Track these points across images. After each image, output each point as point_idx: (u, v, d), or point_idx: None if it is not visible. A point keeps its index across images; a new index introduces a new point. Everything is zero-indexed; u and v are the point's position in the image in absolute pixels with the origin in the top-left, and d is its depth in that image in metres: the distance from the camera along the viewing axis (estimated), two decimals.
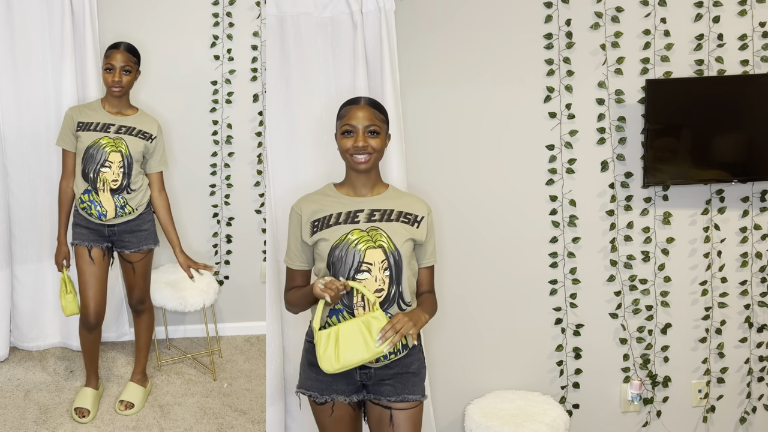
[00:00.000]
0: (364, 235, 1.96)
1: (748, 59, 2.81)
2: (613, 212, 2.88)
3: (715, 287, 2.94)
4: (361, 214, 2.01)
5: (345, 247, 1.95)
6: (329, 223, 2.00)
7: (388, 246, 1.96)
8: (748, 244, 2.92)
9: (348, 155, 2.01)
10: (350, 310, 1.95)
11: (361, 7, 2.53)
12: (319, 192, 2.10)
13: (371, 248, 1.95)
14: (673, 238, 2.90)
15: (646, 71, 2.80)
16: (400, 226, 2.01)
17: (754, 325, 2.96)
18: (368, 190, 2.06)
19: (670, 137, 2.79)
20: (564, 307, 2.92)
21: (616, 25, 2.79)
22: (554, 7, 2.77)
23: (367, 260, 1.94)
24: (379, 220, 2.00)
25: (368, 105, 2.03)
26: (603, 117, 2.83)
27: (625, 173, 2.86)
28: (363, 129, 1.98)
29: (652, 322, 2.94)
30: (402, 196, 2.10)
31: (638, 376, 2.96)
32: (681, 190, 2.89)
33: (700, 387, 2.98)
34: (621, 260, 2.90)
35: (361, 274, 1.94)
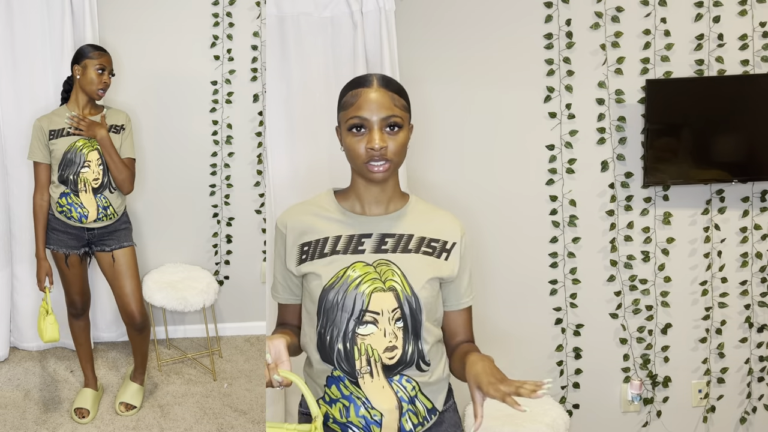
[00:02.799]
0: (370, 272, 1.44)
1: (749, 59, 2.81)
2: (613, 212, 2.88)
3: (716, 287, 2.94)
4: (368, 240, 1.47)
5: (343, 289, 1.43)
6: (323, 251, 1.48)
7: (402, 288, 1.44)
8: (749, 244, 2.92)
9: (359, 162, 1.44)
10: (353, 378, 1.46)
11: (361, 7, 2.53)
12: (314, 203, 1.56)
13: (379, 291, 1.43)
14: (673, 238, 2.90)
15: (647, 71, 2.80)
16: (420, 260, 1.48)
17: (754, 325, 2.96)
18: (382, 205, 1.52)
19: (670, 137, 2.79)
20: (564, 307, 2.91)
21: (617, 25, 2.79)
22: (554, 7, 2.76)
23: (372, 308, 1.43)
24: (392, 250, 1.47)
25: (384, 87, 1.44)
26: (603, 117, 2.83)
27: (625, 173, 2.86)
28: (379, 122, 1.42)
29: (652, 322, 2.94)
30: (426, 212, 1.56)
31: (638, 376, 2.96)
32: (681, 190, 2.89)
33: (701, 387, 2.98)
34: (621, 260, 2.90)
35: (364, 326, 1.43)
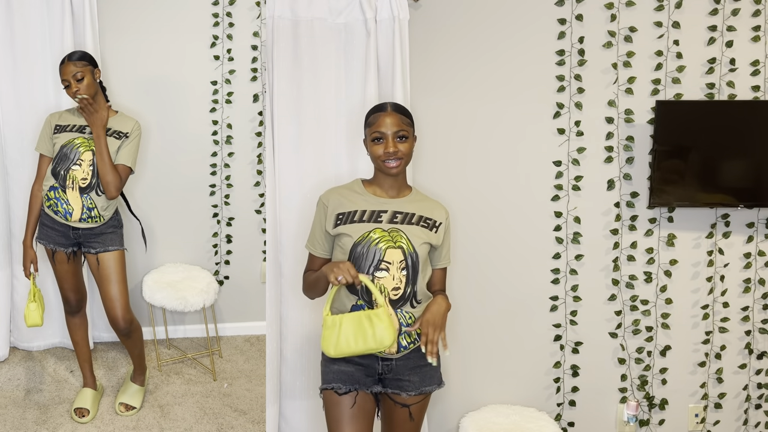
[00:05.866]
0: (385, 235, 2.05)
1: (760, 85, 2.81)
2: (617, 231, 2.87)
3: (717, 312, 2.93)
4: (385, 214, 2.09)
5: (367, 245, 2.04)
6: (353, 219, 2.09)
7: (407, 247, 2.05)
8: (752, 269, 2.91)
9: (380, 161, 2.09)
10: (371, 307, 2.02)
11: (375, 15, 2.54)
12: (347, 187, 2.19)
13: (391, 248, 2.04)
14: (676, 260, 2.89)
15: (657, 92, 2.80)
16: (419, 230, 2.09)
17: (754, 351, 2.95)
18: (394, 192, 2.15)
19: (677, 159, 2.79)
20: (564, 324, 2.91)
21: (629, 45, 2.79)
22: (568, 24, 2.77)
23: (386, 259, 2.03)
24: (400, 222, 2.09)
25: (395, 111, 2.11)
26: (611, 135, 2.83)
27: (631, 193, 2.86)
28: (392, 135, 2.07)
29: (651, 343, 2.93)
30: (424, 200, 2.19)
31: (635, 397, 2.95)
32: (686, 213, 2.88)
33: (697, 411, 2.97)
34: (623, 280, 2.90)
35: (380, 272, 2.02)
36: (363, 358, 2.08)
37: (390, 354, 2.06)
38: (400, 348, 2.05)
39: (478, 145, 2.81)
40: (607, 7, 2.75)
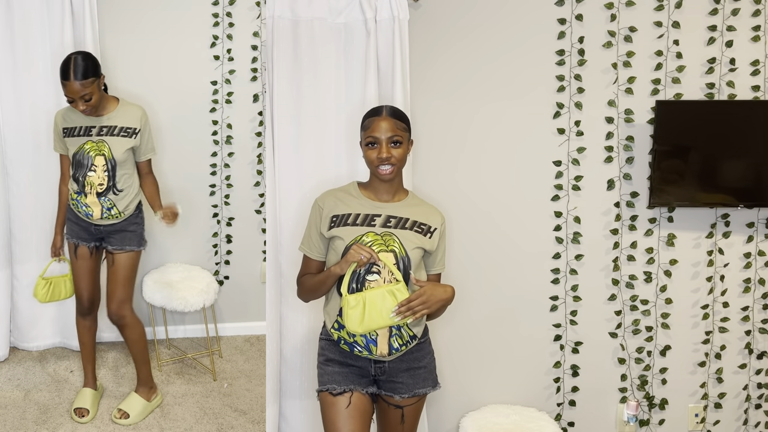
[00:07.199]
0: (378, 239, 2.05)
1: (759, 85, 2.81)
2: (617, 231, 2.87)
3: (717, 311, 2.93)
4: (378, 219, 2.09)
5: None
6: (347, 221, 2.09)
7: (399, 251, 2.05)
8: (752, 269, 2.91)
9: (373, 166, 2.07)
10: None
11: (375, 15, 2.54)
12: (343, 189, 2.19)
13: (383, 251, 2.03)
14: (676, 260, 2.89)
15: (657, 92, 2.80)
16: (412, 235, 2.09)
17: (754, 351, 2.95)
18: (389, 196, 2.14)
19: (677, 159, 2.79)
20: (564, 324, 2.91)
21: (629, 45, 2.79)
22: (568, 24, 2.77)
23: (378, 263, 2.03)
24: (394, 227, 2.08)
25: (390, 116, 2.09)
26: (611, 135, 2.83)
27: (630, 193, 2.86)
28: (386, 140, 2.05)
29: (651, 343, 2.93)
30: (419, 204, 2.18)
31: (635, 396, 2.95)
32: (686, 213, 2.88)
33: (697, 411, 2.97)
34: (623, 280, 2.90)
35: (371, 275, 2.02)
36: (356, 360, 2.09)
37: (382, 356, 2.06)
38: (392, 350, 2.06)
39: (478, 145, 2.81)
40: (607, 7, 2.75)
